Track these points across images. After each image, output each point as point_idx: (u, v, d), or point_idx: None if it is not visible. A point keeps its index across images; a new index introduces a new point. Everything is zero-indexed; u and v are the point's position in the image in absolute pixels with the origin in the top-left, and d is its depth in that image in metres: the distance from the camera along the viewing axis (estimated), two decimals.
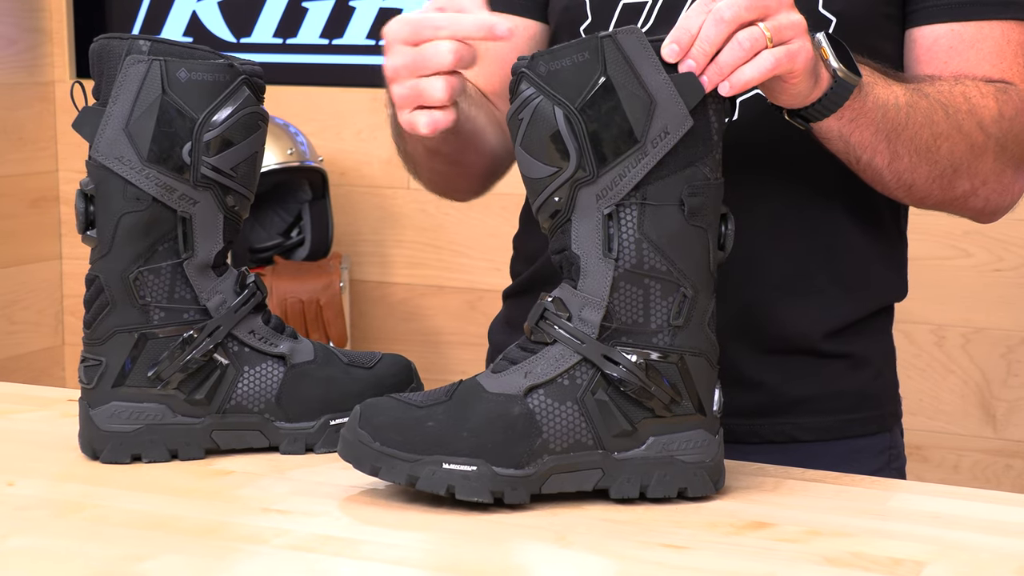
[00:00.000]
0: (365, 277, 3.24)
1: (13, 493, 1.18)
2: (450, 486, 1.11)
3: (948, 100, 1.28)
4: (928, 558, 1.02)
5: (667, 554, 1.03)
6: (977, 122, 1.28)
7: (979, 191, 1.32)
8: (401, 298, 3.21)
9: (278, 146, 2.96)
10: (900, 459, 1.44)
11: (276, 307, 2.85)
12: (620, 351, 1.12)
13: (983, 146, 1.29)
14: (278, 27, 3.34)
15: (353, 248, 3.23)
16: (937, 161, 1.28)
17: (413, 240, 3.20)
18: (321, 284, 2.88)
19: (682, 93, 1.10)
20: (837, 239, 1.38)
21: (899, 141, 1.25)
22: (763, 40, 1.10)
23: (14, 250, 3.42)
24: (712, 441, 1.16)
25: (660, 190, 1.12)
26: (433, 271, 3.19)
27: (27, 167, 3.43)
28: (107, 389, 1.26)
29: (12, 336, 3.43)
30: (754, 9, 1.10)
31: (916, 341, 2.79)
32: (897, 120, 1.24)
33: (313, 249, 3.01)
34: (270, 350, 1.29)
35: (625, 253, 1.12)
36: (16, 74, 3.44)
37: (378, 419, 1.14)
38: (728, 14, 1.09)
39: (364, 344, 3.18)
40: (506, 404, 1.12)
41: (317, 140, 3.13)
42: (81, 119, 1.25)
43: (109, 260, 1.26)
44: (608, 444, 1.13)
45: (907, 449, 2.77)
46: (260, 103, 1.28)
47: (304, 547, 1.05)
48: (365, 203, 3.23)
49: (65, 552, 1.04)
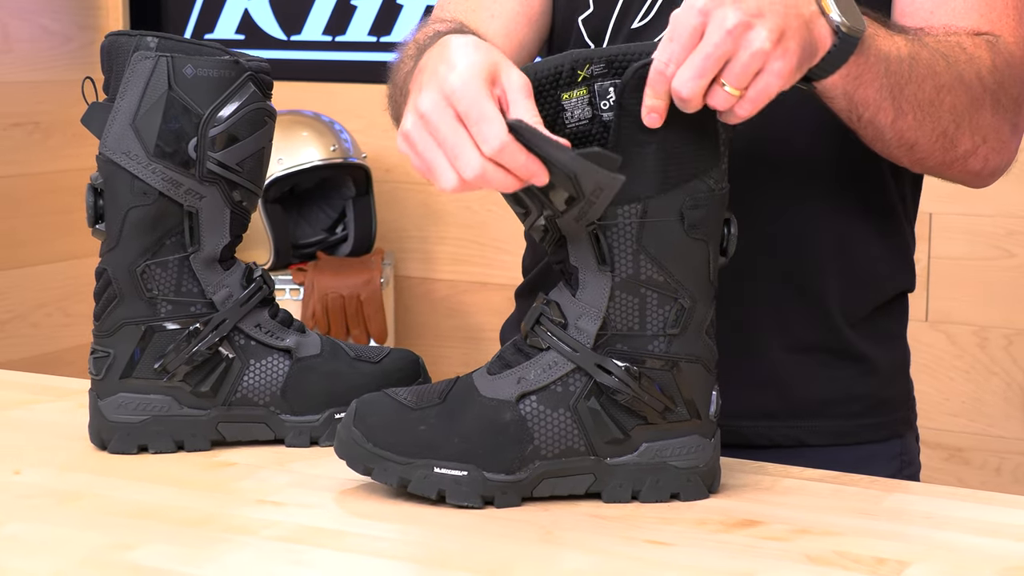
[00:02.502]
0: (409, 273, 3.26)
1: (18, 481, 1.20)
2: (441, 490, 1.11)
3: (947, 50, 1.23)
4: (912, 558, 1.01)
5: (650, 550, 1.04)
6: (975, 72, 1.24)
7: (979, 149, 1.27)
8: (444, 294, 3.22)
9: (322, 143, 2.98)
10: (913, 465, 1.41)
11: (317, 302, 2.87)
12: (614, 360, 1.11)
13: (981, 98, 1.25)
14: (327, 24, 3.37)
15: (398, 244, 3.25)
16: (940, 116, 1.23)
17: (456, 237, 3.22)
18: (362, 280, 2.90)
19: (598, 163, 1.05)
20: (845, 236, 1.36)
21: (903, 96, 1.20)
22: (728, 97, 1.06)
23: (70, 245, 3.47)
24: (707, 446, 1.15)
25: (660, 204, 1.10)
26: (476, 268, 3.20)
27: (83, 163, 3.47)
28: (115, 380, 1.28)
29: (67, 328, 3.49)
30: (713, 62, 1.05)
31: (958, 342, 2.76)
32: (900, 73, 1.19)
33: (356, 245, 3.03)
34: (276, 344, 1.30)
35: (621, 264, 1.11)
36: (72, 71, 3.49)
37: (372, 419, 1.14)
38: (685, 90, 1.05)
39: (408, 340, 3.20)
40: (498, 410, 1.12)
41: (364, 137, 3.15)
42: (89, 114, 1.27)
43: (117, 253, 1.28)
44: (600, 450, 1.13)
45: (948, 451, 2.77)
46: (267, 99, 1.30)
47: (291, 538, 1.06)
48: (410, 200, 3.24)
49: (57, 539, 1.06)
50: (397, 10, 3.29)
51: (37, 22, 3.43)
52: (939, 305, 2.76)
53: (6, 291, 3.37)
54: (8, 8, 3.35)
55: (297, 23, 3.41)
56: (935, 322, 2.77)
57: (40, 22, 3.43)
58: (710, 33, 1.04)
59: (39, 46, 3.43)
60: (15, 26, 3.37)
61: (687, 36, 1.05)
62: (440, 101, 1.06)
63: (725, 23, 1.04)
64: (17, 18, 3.38)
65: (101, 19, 3.58)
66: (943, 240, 2.75)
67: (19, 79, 3.38)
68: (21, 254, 3.39)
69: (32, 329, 3.42)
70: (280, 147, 2.97)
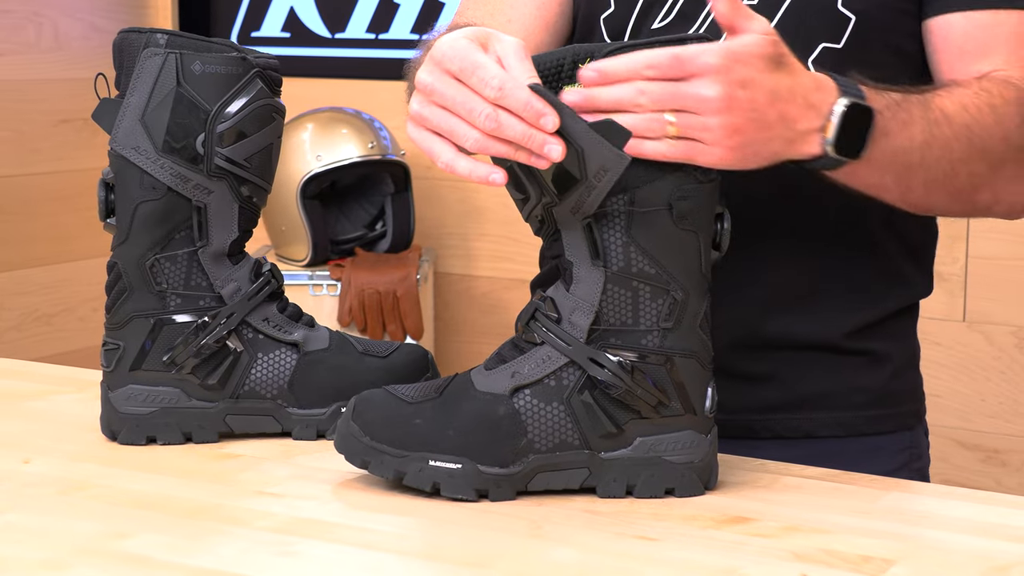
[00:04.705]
0: (449, 270, 3.27)
1: (25, 470, 1.22)
2: (435, 483, 1.12)
3: (972, 117, 1.23)
4: (899, 556, 1.01)
5: (636, 545, 1.04)
6: (1003, 134, 1.25)
7: (1001, 199, 1.29)
8: (484, 291, 3.23)
9: (360, 139, 3.00)
10: (922, 459, 1.41)
11: (354, 298, 2.89)
12: (607, 354, 1.12)
13: (1004, 157, 1.26)
14: (371, 22, 3.39)
15: (438, 241, 3.27)
16: (955, 185, 1.25)
17: (496, 234, 3.23)
18: (399, 276, 2.91)
19: (607, 137, 1.07)
20: (861, 238, 1.36)
21: (911, 178, 1.22)
22: (663, 128, 1.08)
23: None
24: (702, 441, 1.15)
25: (648, 195, 1.11)
26: (515, 265, 3.20)
27: None
28: (125, 372, 1.30)
29: None
30: (671, 101, 1.08)
31: (996, 343, 2.73)
32: (910, 163, 1.21)
33: (394, 242, 3.05)
34: (283, 337, 1.32)
35: (613, 257, 1.12)
36: None
37: (369, 414, 1.15)
38: (646, 98, 1.08)
39: (447, 336, 3.22)
40: (492, 404, 1.13)
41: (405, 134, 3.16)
42: (100, 110, 1.29)
43: (127, 247, 1.30)
44: (594, 444, 1.13)
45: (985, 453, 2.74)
46: (276, 96, 1.31)
47: (284, 530, 1.07)
48: (450, 197, 3.26)
49: (54, 528, 1.08)
50: (439, 8, 3.31)
51: (88, 20, 3.47)
52: (977, 305, 2.73)
53: (55, 285, 3.41)
54: (58, 6, 3.40)
55: (341, 21, 3.44)
56: (973, 322, 2.75)
57: (90, 20, 3.48)
58: (696, 85, 1.08)
59: (89, 44, 3.48)
60: (65, 24, 3.42)
61: (671, 68, 1.08)
62: (435, 69, 1.09)
63: (713, 91, 1.07)
64: (68, 16, 3.43)
65: (150, 17, 3.62)
66: (981, 240, 2.73)
67: (69, 76, 3.43)
68: (70, 249, 3.43)
69: (79, 323, 3.47)
70: (319, 144, 2.99)
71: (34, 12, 3.34)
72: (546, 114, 1.05)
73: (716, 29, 1.31)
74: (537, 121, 1.05)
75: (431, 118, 1.10)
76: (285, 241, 3.04)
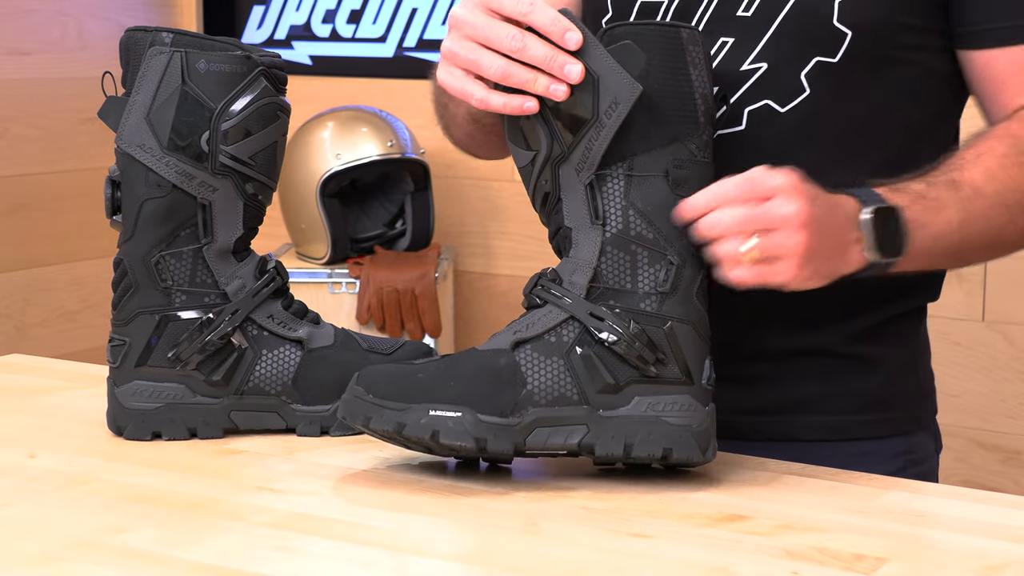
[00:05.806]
0: (470, 268, 3.28)
1: (31, 464, 1.23)
2: (435, 431, 1.14)
3: (1004, 184, 1.27)
4: (892, 555, 1.01)
5: (630, 542, 1.04)
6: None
7: None
8: (504, 289, 3.24)
9: (379, 138, 3.01)
10: (924, 464, 1.38)
11: (372, 296, 2.90)
12: (604, 308, 1.15)
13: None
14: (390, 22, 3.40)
15: (459, 240, 3.27)
16: (1005, 242, 1.31)
17: (517, 232, 3.23)
18: (417, 274, 2.92)
19: (622, 63, 1.14)
20: None
21: (961, 253, 1.28)
22: (742, 254, 1.13)
23: None
24: (700, 409, 1.16)
25: (646, 162, 1.16)
26: (536, 263, 3.18)
27: None
28: (130, 368, 1.31)
29: None
30: (752, 223, 1.13)
31: (1016, 343, 2.72)
32: (953, 242, 1.26)
33: (414, 240, 3.06)
34: (288, 334, 1.32)
35: (612, 219, 1.16)
36: None
37: (373, 375, 1.19)
38: (721, 228, 1.14)
39: (468, 334, 3.22)
40: (493, 357, 1.17)
41: (426, 133, 3.16)
42: (106, 108, 1.30)
43: (132, 244, 1.31)
44: (592, 400, 1.15)
45: (1006, 454, 2.73)
46: (280, 94, 1.32)
47: (280, 525, 1.08)
48: (471, 195, 3.26)
49: (53, 521, 1.09)
50: None
51: (113, 19, 3.50)
52: (996, 305, 2.72)
53: (82, 281, 3.44)
54: (83, 5, 3.42)
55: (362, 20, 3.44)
56: (992, 322, 2.73)
57: (115, 19, 3.50)
58: (776, 203, 1.13)
59: (114, 43, 3.44)
60: (90, 24, 3.44)
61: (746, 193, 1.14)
62: (467, 2, 1.18)
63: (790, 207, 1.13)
64: (93, 16, 3.45)
65: (175, 16, 3.64)
66: None
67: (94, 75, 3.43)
68: (95, 246, 3.45)
69: (104, 319, 3.48)
70: (338, 142, 3.00)
71: (59, 11, 3.37)
72: (571, 28, 1.13)
73: (712, 26, 1.31)
74: (563, 36, 1.13)
75: (460, 52, 1.17)
76: (305, 239, 3.06)
